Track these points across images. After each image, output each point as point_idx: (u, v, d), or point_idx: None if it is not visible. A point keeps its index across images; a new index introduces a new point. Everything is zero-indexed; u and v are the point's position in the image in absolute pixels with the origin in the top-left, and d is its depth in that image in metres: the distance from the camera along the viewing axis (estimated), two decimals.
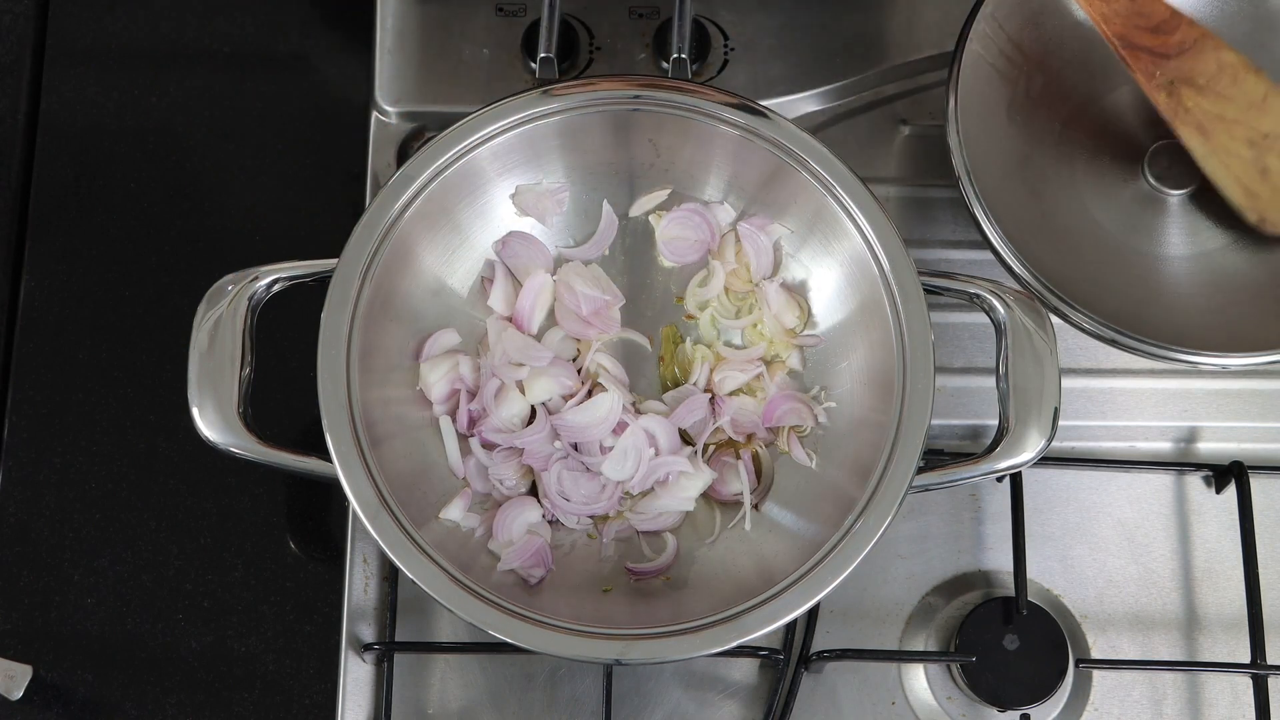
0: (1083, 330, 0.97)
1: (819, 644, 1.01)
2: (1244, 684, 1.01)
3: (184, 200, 1.12)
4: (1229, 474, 1.05)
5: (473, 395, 0.98)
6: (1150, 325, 0.97)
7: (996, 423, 0.92)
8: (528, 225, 1.01)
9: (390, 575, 1.01)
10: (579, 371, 0.99)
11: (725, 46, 1.11)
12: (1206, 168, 1.04)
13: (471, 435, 0.98)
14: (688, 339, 1.01)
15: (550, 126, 0.97)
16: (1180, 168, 1.05)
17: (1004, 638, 1.00)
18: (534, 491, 0.98)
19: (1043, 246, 0.99)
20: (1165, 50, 1.02)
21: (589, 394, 0.98)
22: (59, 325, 1.08)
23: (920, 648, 1.02)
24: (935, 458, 1.03)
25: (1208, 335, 0.98)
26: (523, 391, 0.98)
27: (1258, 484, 1.05)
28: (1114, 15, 1.01)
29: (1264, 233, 1.04)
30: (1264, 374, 1.08)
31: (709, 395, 0.99)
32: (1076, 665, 1.01)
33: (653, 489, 0.97)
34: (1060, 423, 0.91)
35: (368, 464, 0.89)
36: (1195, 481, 1.07)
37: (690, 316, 1.02)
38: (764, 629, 0.87)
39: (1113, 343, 0.97)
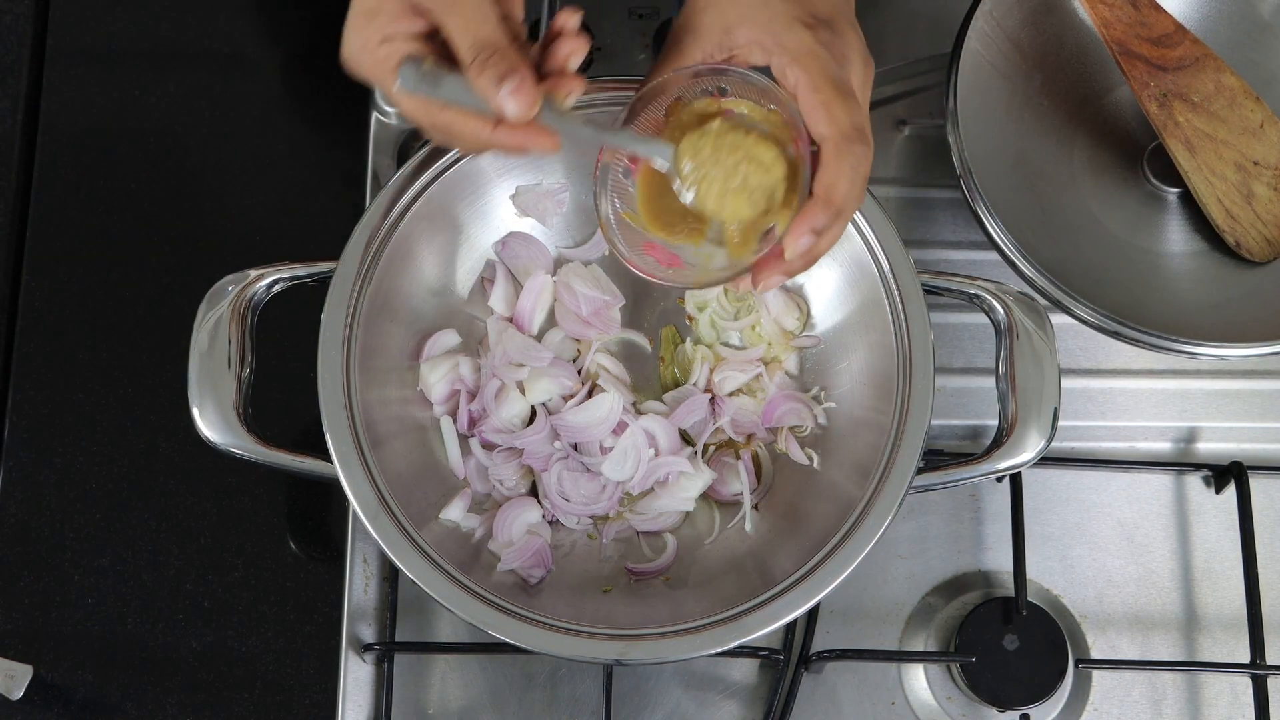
0: (1085, 323, 0.97)
1: (819, 644, 1.01)
2: (1243, 684, 1.01)
3: (184, 200, 1.12)
4: (1228, 474, 1.05)
5: (473, 396, 0.98)
6: (1151, 318, 0.97)
7: (996, 423, 0.92)
8: (528, 225, 1.01)
9: (390, 575, 1.01)
10: (579, 372, 0.99)
11: None
12: (1191, 183, 1.04)
13: (471, 435, 0.98)
14: (687, 340, 1.01)
15: None
16: None
17: (1004, 638, 1.00)
18: (534, 492, 0.98)
19: (1043, 242, 0.99)
20: (1163, 63, 1.02)
21: (589, 394, 0.98)
22: (59, 325, 1.08)
23: (920, 648, 1.02)
24: (935, 458, 1.03)
25: (1208, 328, 0.98)
26: (523, 392, 0.98)
27: (1257, 484, 1.05)
28: (1115, 21, 1.01)
29: (1240, 255, 1.04)
30: (1263, 374, 1.08)
31: (709, 396, 0.99)
32: (1076, 665, 1.01)
33: (652, 489, 0.97)
34: (1060, 423, 0.91)
35: (368, 464, 0.89)
36: (1195, 481, 1.07)
37: (690, 318, 1.02)
38: (764, 629, 0.87)
39: (1115, 334, 0.97)
